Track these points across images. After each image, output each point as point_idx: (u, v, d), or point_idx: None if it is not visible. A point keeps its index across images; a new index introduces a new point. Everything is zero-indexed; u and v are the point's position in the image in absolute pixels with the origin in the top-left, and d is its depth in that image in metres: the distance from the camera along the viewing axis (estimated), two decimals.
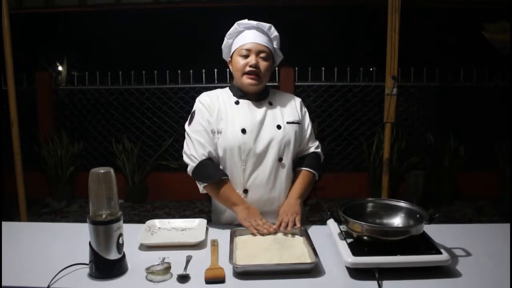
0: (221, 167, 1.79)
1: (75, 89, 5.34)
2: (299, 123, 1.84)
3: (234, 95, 1.83)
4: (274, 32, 1.80)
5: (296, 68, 5.02)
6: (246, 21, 1.79)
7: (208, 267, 1.37)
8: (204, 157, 1.74)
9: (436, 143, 5.02)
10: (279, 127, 1.76)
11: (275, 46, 1.82)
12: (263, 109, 1.80)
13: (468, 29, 5.01)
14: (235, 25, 1.80)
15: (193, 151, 1.75)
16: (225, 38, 1.85)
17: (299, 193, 1.80)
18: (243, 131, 1.73)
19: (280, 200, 1.79)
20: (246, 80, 1.75)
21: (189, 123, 1.80)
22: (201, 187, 1.79)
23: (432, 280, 1.31)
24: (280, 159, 1.77)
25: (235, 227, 1.74)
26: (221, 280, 1.32)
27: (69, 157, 5.02)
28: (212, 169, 1.74)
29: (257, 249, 1.49)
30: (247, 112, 1.77)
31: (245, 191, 1.77)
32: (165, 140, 5.20)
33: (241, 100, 1.81)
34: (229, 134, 1.74)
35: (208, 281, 1.31)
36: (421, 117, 5.27)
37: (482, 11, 5.02)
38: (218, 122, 1.76)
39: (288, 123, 1.79)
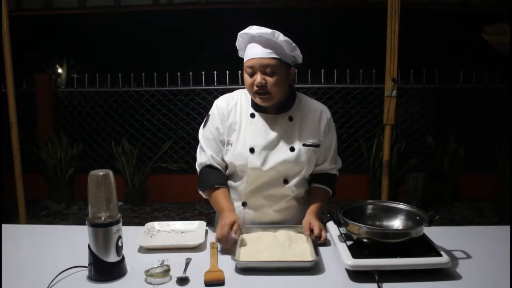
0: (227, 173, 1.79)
1: (75, 91, 5.33)
2: (318, 145, 1.71)
3: (251, 105, 1.72)
4: (279, 37, 1.58)
5: (296, 70, 5.01)
6: (247, 30, 1.62)
7: (208, 270, 1.36)
8: (204, 165, 1.75)
9: (436, 145, 5.02)
10: (292, 149, 1.66)
11: (286, 51, 1.62)
12: (280, 126, 1.68)
13: (468, 31, 5.01)
14: (238, 36, 1.66)
15: (198, 159, 1.77)
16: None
17: (317, 212, 1.69)
18: (252, 150, 1.66)
19: (277, 217, 1.73)
20: (257, 99, 1.64)
21: (203, 127, 1.78)
22: (202, 194, 1.79)
23: (432, 282, 1.30)
24: (285, 181, 1.69)
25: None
26: (221, 283, 1.31)
27: (69, 159, 5.01)
28: (207, 177, 1.73)
29: (261, 247, 1.51)
30: (260, 129, 1.68)
31: (244, 204, 1.74)
32: (164, 142, 5.19)
33: (257, 113, 1.70)
34: (237, 150, 1.68)
35: (208, 283, 1.31)
36: (421, 119, 5.28)
37: (482, 13, 5.03)
38: (230, 133, 1.71)
39: (304, 145, 1.68)
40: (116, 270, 1.35)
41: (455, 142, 4.90)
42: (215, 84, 5.03)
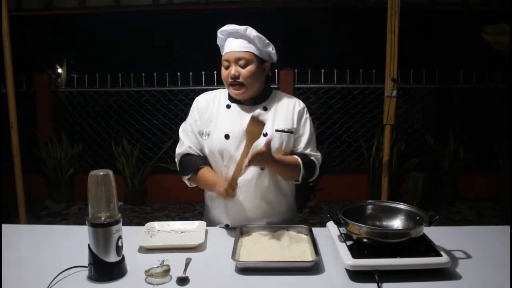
0: None
1: (75, 91, 5.33)
2: (292, 132, 1.77)
3: (229, 97, 1.82)
4: (252, 33, 1.69)
5: (296, 70, 5.02)
6: (225, 27, 1.74)
7: None
8: (182, 154, 1.82)
9: (436, 145, 5.02)
10: (265, 134, 1.69)
11: (259, 46, 1.72)
12: None
13: (468, 31, 5.01)
14: (218, 34, 1.77)
15: (177, 150, 1.85)
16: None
17: (276, 156, 1.65)
18: (227, 136, 1.73)
19: (262, 209, 1.77)
20: (232, 91, 1.75)
21: (184, 122, 1.89)
22: (188, 182, 1.84)
23: (432, 282, 1.30)
24: (262, 168, 1.72)
25: (227, 227, 1.79)
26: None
27: (69, 159, 5.01)
28: (189, 162, 1.80)
29: (261, 247, 1.52)
30: (235, 117, 1.76)
31: None
32: (164, 142, 5.18)
33: (233, 104, 1.79)
34: (214, 138, 1.75)
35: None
36: (421, 118, 5.27)
37: (482, 13, 5.03)
38: (208, 125, 1.79)
39: (277, 131, 1.73)
40: (116, 270, 1.35)
41: (455, 142, 4.90)
42: (215, 84, 5.03)
